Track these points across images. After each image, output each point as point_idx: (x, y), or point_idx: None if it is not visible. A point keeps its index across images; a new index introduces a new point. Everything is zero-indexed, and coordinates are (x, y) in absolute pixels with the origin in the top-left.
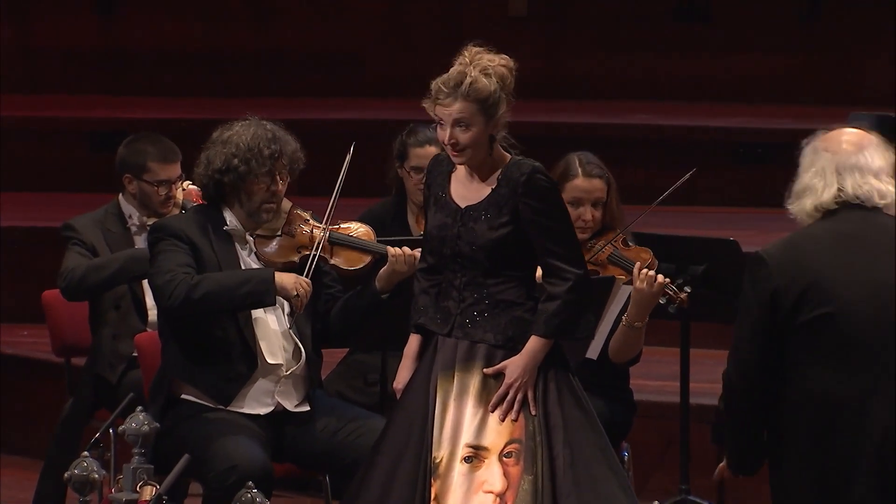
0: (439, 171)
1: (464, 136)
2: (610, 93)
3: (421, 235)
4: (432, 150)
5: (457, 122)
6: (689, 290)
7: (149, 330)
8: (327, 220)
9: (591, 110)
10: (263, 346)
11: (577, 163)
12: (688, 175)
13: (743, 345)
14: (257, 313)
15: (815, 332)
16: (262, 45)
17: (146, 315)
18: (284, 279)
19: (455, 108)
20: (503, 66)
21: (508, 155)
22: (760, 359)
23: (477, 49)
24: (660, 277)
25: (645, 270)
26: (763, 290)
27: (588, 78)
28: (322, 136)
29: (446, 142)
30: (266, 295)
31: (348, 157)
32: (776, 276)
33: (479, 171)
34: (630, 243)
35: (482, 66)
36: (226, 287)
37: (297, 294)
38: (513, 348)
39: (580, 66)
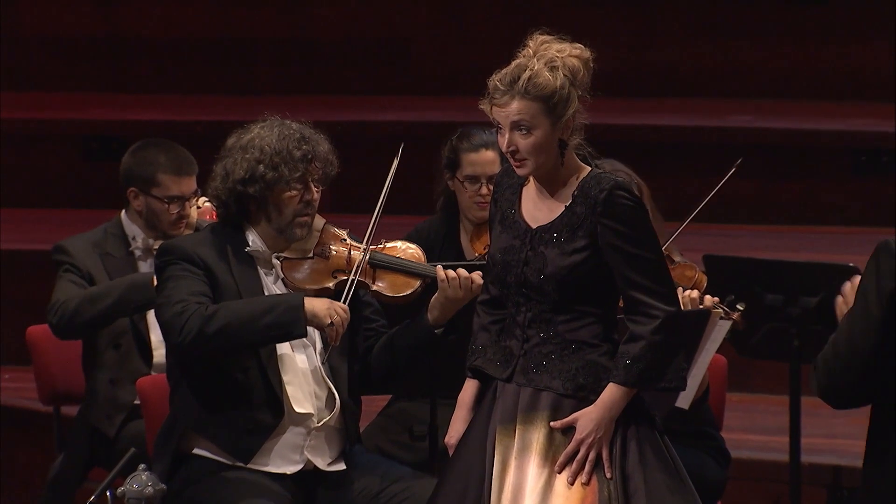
0: (509, 185)
1: (525, 142)
2: (704, 89)
3: (476, 258)
4: (489, 154)
5: (516, 125)
6: (742, 308)
7: (153, 373)
8: (368, 238)
9: (682, 110)
10: (291, 391)
11: None
12: (734, 168)
13: (855, 342)
14: (283, 350)
15: None
16: (290, 34)
17: (150, 355)
18: (316, 305)
19: (513, 108)
20: (575, 56)
21: (587, 166)
22: (871, 362)
23: (544, 38)
24: (707, 298)
25: (688, 292)
26: (884, 287)
27: (678, 72)
28: (361, 141)
29: (505, 149)
30: (295, 325)
31: (395, 163)
32: None
33: (551, 185)
34: (676, 259)
35: (548, 57)
36: (247, 317)
37: (332, 322)
38: (584, 398)
39: (669, 57)
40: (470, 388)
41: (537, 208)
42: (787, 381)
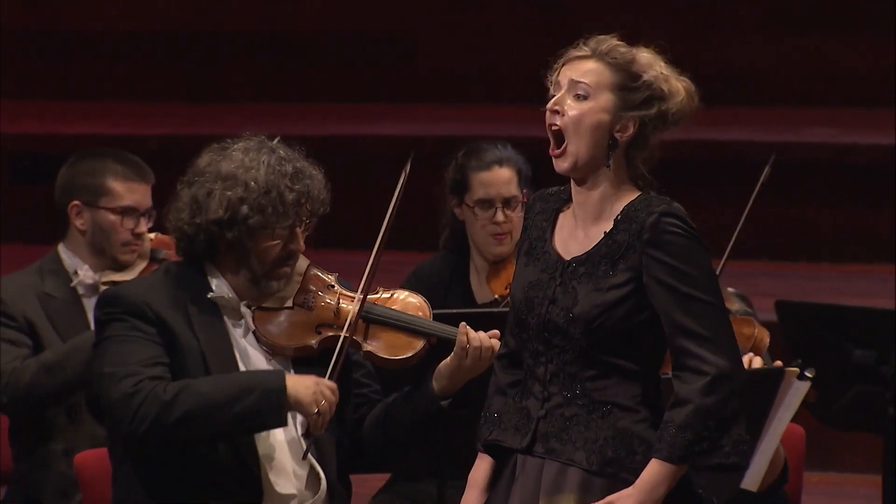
0: (542, 209)
1: (574, 108)
2: (779, 95)
3: (498, 301)
4: (504, 173)
5: (574, 85)
6: (811, 376)
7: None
8: (363, 286)
9: (751, 120)
10: (268, 469)
11: None
12: (763, 177)
13: None
14: None
15: None
16: (266, 27)
17: None
18: (300, 389)
19: (584, 67)
20: (682, 85)
21: (639, 192)
22: None
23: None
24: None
25: (745, 358)
26: None
27: (746, 73)
28: (354, 160)
29: (550, 106)
30: (273, 414)
31: (402, 179)
32: None
33: (592, 206)
34: (732, 308)
35: (655, 63)
36: (215, 402)
37: (319, 411)
38: (614, 476)
39: (735, 56)
40: (482, 465)
41: (573, 237)
42: (880, 458)
